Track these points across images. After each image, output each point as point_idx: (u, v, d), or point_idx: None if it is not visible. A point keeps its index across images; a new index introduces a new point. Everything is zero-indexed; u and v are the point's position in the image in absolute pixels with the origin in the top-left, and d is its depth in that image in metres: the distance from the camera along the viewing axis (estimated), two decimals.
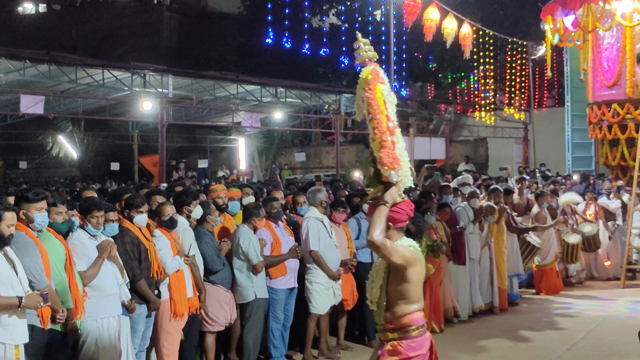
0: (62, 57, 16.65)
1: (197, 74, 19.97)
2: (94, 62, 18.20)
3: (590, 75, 15.83)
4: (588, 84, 16.02)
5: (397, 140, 3.88)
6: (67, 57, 17.00)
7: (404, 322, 3.98)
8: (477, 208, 9.36)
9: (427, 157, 22.66)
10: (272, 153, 27.87)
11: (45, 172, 28.79)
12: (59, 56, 16.59)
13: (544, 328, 8.62)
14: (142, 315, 5.64)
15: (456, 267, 8.98)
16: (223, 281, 6.47)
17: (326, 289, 7.10)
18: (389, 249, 3.85)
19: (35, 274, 4.54)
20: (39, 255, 4.63)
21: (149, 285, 5.64)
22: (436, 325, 8.34)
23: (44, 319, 4.51)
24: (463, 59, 21.38)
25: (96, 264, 5.14)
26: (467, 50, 16.53)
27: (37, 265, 4.58)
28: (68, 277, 4.87)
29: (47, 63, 16.00)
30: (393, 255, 3.87)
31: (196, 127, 26.78)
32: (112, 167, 23.83)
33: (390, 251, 3.85)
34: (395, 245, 3.90)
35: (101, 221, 5.28)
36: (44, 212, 4.81)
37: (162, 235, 5.89)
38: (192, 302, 5.97)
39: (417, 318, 3.99)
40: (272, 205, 6.96)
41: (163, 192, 7.01)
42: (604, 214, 12.11)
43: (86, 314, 5.01)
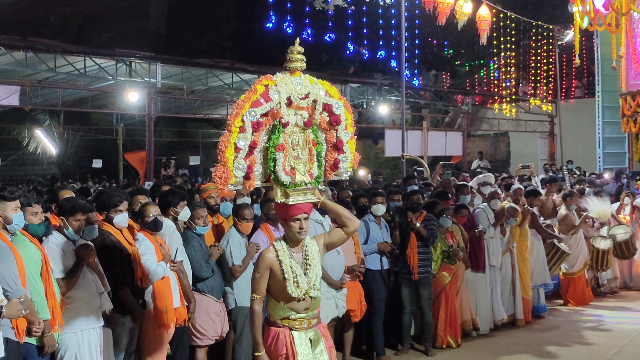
0: (39, 43, 16.65)
1: (188, 62, 19.97)
2: (74, 48, 18.19)
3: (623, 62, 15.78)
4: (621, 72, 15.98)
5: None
6: (45, 43, 17.00)
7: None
8: (499, 210, 9.33)
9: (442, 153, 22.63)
10: None
11: (21, 169, 28.83)
12: (36, 42, 16.59)
13: (572, 343, 8.58)
14: (125, 327, 5.63)
15: (475, 275, 8.95)
16: (212, 290, 6.46)
17: (326, 299, 7.05)
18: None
19: (10, 283, 4.52)
20: (14, 261, 4.62)
21: (133, 294, 5.63)
22: (452, 340, 8.32)
23: (19, 331, 4.51)
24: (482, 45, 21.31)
25: (75, 271, 5.13)
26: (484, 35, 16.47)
27: (12, 272, 4.56)
28: (44, 286, 4.85)
29: (23, 50, 16.01)
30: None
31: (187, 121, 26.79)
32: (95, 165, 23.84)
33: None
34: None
35: (83, 225, 5.27)
36: (20, 212, 4.80)
37: (146, 238, 5.88)
38: (179, 313, 5.95)
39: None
40: (270, 206, 6.93)
41: (146, 191, 7.01)
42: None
43: (64, 326, 5.01)
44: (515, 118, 26.25)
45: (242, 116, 4.21)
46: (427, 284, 8.11)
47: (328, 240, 4.72)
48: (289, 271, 4.44)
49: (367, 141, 27.60)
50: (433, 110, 27.42)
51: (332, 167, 4.62)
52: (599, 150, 20.95)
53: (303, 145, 4.48)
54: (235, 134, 4.20)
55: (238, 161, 4.22)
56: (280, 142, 4.34)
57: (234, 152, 4.20)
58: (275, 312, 4.52)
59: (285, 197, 4.39)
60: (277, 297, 4.50)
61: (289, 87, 4.35)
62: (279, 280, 4.45)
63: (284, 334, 4.50)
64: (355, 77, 25.79)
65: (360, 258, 7.57)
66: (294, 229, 4.48)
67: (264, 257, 4.50)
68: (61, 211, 5.31)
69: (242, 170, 4.24)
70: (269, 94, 4.27)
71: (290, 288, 4.43)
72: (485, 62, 28.52)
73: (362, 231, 7.82)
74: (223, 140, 4.20)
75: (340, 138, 4.60)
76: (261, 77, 4.38)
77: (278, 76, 4.36)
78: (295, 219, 4.46)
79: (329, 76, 23.36)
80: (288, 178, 4.38)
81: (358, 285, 7.55)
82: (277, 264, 4.46)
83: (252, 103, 4.23)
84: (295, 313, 4.51)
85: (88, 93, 19.98)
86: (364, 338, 8.03)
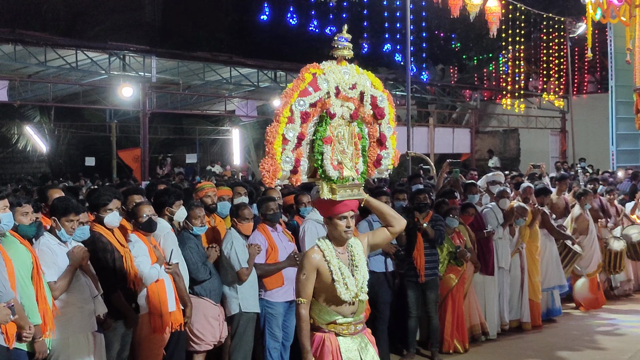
0: (28, 36, 16.68)
1: (184, 55, 19.99)
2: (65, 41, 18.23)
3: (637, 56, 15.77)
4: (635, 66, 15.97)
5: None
6: (34, 36, 17.03)
7: None
8: (508, 209, 9.33)
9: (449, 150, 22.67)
10: None
11: (10, 168, 28.86)
12: (25, 34, 16.62)
13: (583, 348, 8.59)
14: (117, 332, 5.64)
15: (483, 277, 8.95)
16: (210, 293, 6.46)
17: None
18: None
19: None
20: (3, 263, 4.61)
21: (125, 297, 5.64)
22: (459, 345, 8.32)
23: (9, 336, 4.51)
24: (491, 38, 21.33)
25: (67, 274, 5.13)
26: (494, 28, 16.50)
27: (1, 275, 4.55)
28: (35, 289, 4.85)
29: (12, 43, 16.03)
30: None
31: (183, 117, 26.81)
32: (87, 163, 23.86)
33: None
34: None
35: (76, 226, 5.28)
36: (8, 212, 4.80)
37: (139, 240, 5.88)
38: (174, 317, 5.95)
39: None
40: (268, 206, 6.94)
41: (141, 190, 7.00)
42: None
43: (56, 331, 5.00)
44: (525, 114, 26.25)
45: (290, 106, 4.11)
46: (434, 286, 8.11)
47: (372, 241, 4.61)
48: (337, 272, 4.32)
49: None
50: (440, 105, 27.41)
51: (375, 163, 4.53)
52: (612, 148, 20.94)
53: (348, 139, 4.37)
54: (283, 125, 4.09)
55: (286, 154, 4.11)
56: (327, 135, 4.24)
57: (282, 143, 4.09)
58: (320, 316, 4.39)
59: (332, 193, 4.27)
60: (323, 301, 4.38)
61: (337, 77, 4.27)
62: (327, 283, 4.33)
63: (330, 339, 4.37)
64: None
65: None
66: (340, 228, 4.35)
67: (310, 258, 4.36)
68: (53, 211, 5.30)
69: (290, 164, 4.14)
70: (317, 82, 4.20)
71: (340, 290, 4.31)
72: (494, 56, 28.51)
73: (366, 231, 7.80)
74: (271, 131, 4.08)
75: (384, 133, 4.51)
76: (308, 65, 4.29)
77: (325, 64, 4.29)
78: (342, 216, 4.34)
79: None
80: (336, 173, 4.27)
81: None
82: (325, 265, 4.33)
83: (301, 92, 4.15)
84: (342, 317, 4.40)
85: (80, 88, 20.00)
86: None
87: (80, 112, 25.21)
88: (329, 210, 4.35)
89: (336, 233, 4.39)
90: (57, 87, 19.62)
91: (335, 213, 4.34)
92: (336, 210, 4.33)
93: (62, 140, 26.84)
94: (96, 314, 5.32)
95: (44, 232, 5.23)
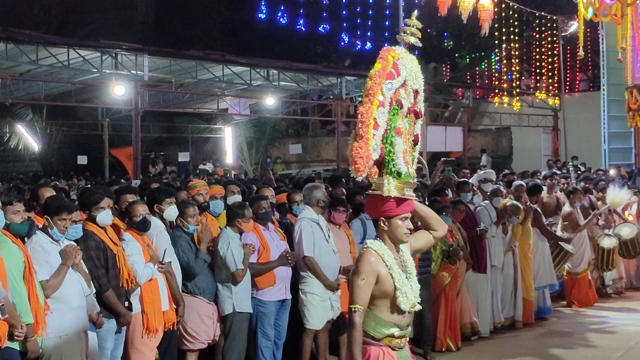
0: (20, 34, 16.61)
1: (176, 54, 19.96)
2: (57, 39, 18.17)
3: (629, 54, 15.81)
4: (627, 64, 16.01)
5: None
6: (26, 34, 16.96)
7: None
8: (501, 208, 9.35)
9: (441, 149, 22.71)
10: (263, 145, 27.86)
11: (2, 167, 28.79)
12: (17, 33, 16.56)
13: (575, 346, 8.61)
14: (110, 332, 5.62)
15: (476, 275, 8.97)
16: (204, 292, 6.46)
17: (322, 301, 7.09)
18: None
19: None
20: None
21: (118, 296, 5.63)
22: (452, 343, 8.34)
23: (0, 335, 4.49)
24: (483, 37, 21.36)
25: (60, 273, 5.12)
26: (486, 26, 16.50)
27: None
28: (27, 288, 4.84)
29: (4, 41, 15.97)
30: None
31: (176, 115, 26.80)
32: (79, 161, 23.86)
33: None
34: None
35: (68, 225, 5.27)
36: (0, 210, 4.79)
37: (133, 239, 5.88)
38: (167, 316, 5.95)
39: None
40: (260, 204, 6.94)
41: (134, 189, 6.99)
42: None
43: (48, 330, 4.99)
44: (517, 112, 26.32)
45: (381, 87, 3.67)
46: (427, 284, 8.10)
47: (415, 245, 4.17)
48: (399, 279, 3.88)
49: None
50: (432, 104, 27.44)
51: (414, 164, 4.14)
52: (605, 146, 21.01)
53: (406, 133, 3.97)
54: (374, 107, 3.65)
55: (375, 140, 3.66)
56: (398, 125, 3.82)
57: (372, 128, 3.65)
58: (376, 329, 3.89)
59: (399, 190, 3.85)
60: (380, 311, 3.91)
61: (409, 65, 3.90)
62: (388, 291, 3.87)
63: (387, 354, 3.90)
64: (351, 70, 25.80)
65: (356, 258, 7.56)
66: (401, 230, 3.91)
67: (369, 262, 3.87)
68: (46, 210, 5.29)
69: (377, 152, 3.69)
70: (398, 67, 3.79)
71: (401, 299, 3.86)
72: (486, 54, 28.59)
73: (359, 230, 7.83)
74: (365, 112, 3.64)
75: (417, 134, 4.14)
76: (387, 47, 3.86)
77: (399, 49, 3.88)
78: (403, 217, 3.90)
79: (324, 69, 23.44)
80: (406, 168, 3.87)
81: None
82: (385, 270, 3.87)
83: (387, 74, 3.72)
84: (399, 330, 3.94)
85: (72, 86, 19.96)
86: None
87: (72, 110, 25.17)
88: (389, 209, 3.88)
89: (394, 235, 3.93)
90: (49, 85, 19.57)
91: (397, 213, 3.87)
92: (400, 210, 3.88)
93: (54, 138, 26.78)
94: (89, 313, 5.31)
95: (36, 231, 5.22)
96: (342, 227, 7.60)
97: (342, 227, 7.60)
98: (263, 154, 28.11)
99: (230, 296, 6.61)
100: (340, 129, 21.57)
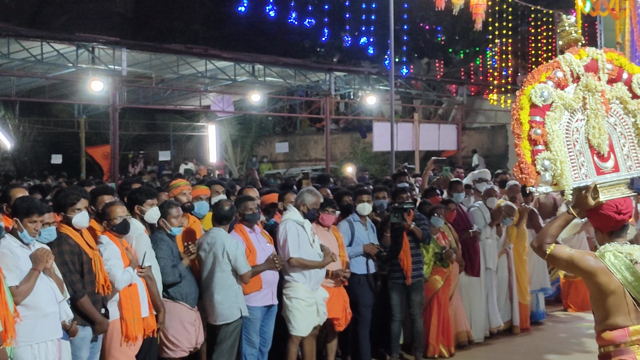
0: None
1: (157, 48, 19.85)
2: (30, 32, 18.01)
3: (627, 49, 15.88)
4: None
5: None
6: None
7: (600, 340, 4.27)
8: (495, 209, 9.37)
9: (434, 147, 22.72)
10: (248, 143, 27.84)
11: None
12: None
13: (572, 351, 8.67)
14: (85, 340, 5.57)
15: (469, 279, 8.99)
16: (187, 297, 6.44)
17: (308, 306, 7.08)
18: (554, 255, 4.11)
19: None
20: None
21: (94, 302, 5.58)
22: (444, 349, 8.36)
23: None
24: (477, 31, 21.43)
25: (30, 278, 5.06)
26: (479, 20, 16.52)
27: None
28: None
29: None
30: (559, 262, 4.19)
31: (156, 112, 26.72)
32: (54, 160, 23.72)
33: (551, 257, 4.13)
34: (573, 252, 4.14)
35: (39, 227, 5.22)
36: None
37: (111, 242, 5.84)
38: (147, 323, 5.92)
39: (613, 337, 4.16)
40: (246, 205, 6.92)
41: (112, 189, 6.94)
42: None
43: (19, 339, 4.93)
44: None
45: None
46: (419, 288, 8.13)
47: None
48: None
49: (355, 134, 27.65)
50: (425, 101, 27.50)
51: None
52: None
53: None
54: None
55: None
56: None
57: None
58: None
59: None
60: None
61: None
62: None
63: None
64: (340, 65, 25.80)
65: (344, 261, 7.57)
66: None
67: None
68: (15, 212, 5.23)
69: None
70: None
71: None
72: (481, 50, 28.64)
73: (347, 232, 7.83)
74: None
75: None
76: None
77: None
78: None
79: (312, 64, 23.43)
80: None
81: (342, 291, 7.56)
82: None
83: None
84: None
85: (46, 82, 19.81)
86: (349, 348, 8.03)
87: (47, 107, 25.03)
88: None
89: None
90: (22, 80, 19.42)
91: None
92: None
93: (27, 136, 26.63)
94: (61, 320, 5.26)
95: (4, 234, 5.16)
96: (330, 229, 7.59)
97: (330, 229, 7.59)
98: (248, 153, 28.07)
99: (237, 301, 6.58)
100: (329, 127, 21.54)
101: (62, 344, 5.26)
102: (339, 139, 28.08)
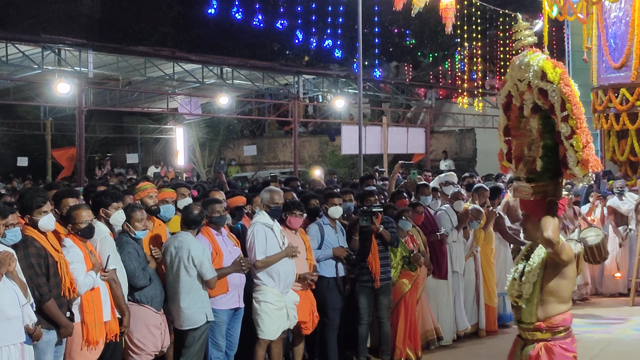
0: None
1: (124, 50, 19.73)
2: None
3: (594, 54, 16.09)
4: (592, 65, 16.26)
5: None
6: None
7: (555, 322, 4.90)
8: (462, 212, 9.45)
9: (403, 150, 22.84)
10: (216, 146, 27.74)
11: None
12: None
13: None
14: (50, 343, 5.53)
15: (436, 281, 9.06)
16: (152, 300, 6.41)
17: (277, 310, 7.08)
18: (562, 246, 4.81)
19: None
20: None
21: (60, 306, 5.54)
22: (412, 352, 8.39)
23: None
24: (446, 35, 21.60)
25: None
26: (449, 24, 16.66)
27: None
28: None
29: None
30: (563, 252, 4.85)
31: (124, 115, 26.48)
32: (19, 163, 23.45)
33: (561, 248, 4.81)
34: (564, 242, 4.87)
35: (2, 230, 5.17)
36: None
37: (74, 245, 5.79)
38: (110, 327, 5.89)
39: (568, 318, 4.96)
40: (214, 208, 6.92)
41: (76, 192, 6.88)
42: (615, 217, 12.26)
43: None
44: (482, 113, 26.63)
45: None
46: (387, 292, 8.17)
47: None
48: None
49: (323, 137, 27.71)
50: (394, 104, 27.65)
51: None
52: None
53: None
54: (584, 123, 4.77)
55: None
56: None
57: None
58: None
59: None
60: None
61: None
62: None
63: None
64: (309, 68, 25.82)
65: (312, 265, 7.58)
66: None
67: None
68: None
69: None
70: None
71: None
72: (450, 53, 28.86)
73: (317, 235, 7.84)
74: (580, 130, 4.70)
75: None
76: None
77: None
78: None
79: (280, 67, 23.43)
80: None
81: (310, 294, 7.58)
82: None
83: None
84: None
85: (11, 83, 19.59)
86: (316, 351, 8.06)
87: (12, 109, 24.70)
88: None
89: None
90: None
91: None
92: None
93: None
94: (25, 324, 5.21)
95: None
96: (298, 232, 7.60)
97: (298, 232, 7.60)
98: (216, 156, 27.96)
99: (203, 306, 6.55)
100: (297, 130, 21.57)
101: (25, 348, 5.21)
102: (308, 142, 28.12)
